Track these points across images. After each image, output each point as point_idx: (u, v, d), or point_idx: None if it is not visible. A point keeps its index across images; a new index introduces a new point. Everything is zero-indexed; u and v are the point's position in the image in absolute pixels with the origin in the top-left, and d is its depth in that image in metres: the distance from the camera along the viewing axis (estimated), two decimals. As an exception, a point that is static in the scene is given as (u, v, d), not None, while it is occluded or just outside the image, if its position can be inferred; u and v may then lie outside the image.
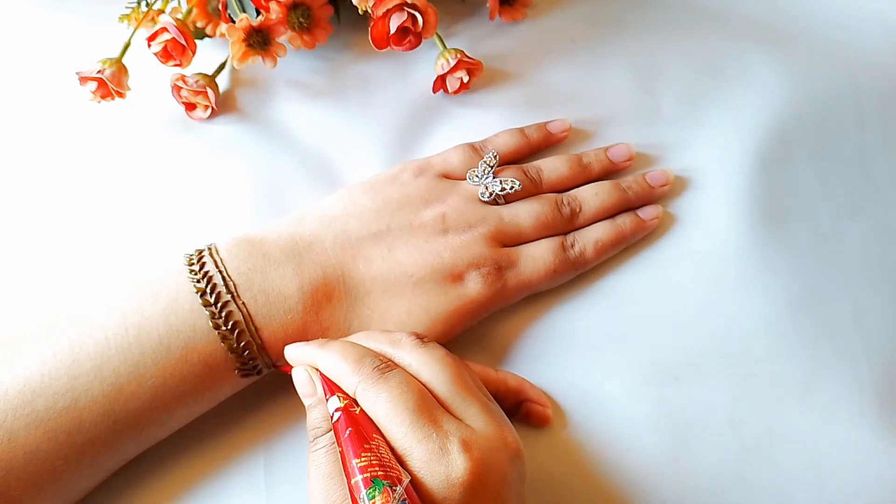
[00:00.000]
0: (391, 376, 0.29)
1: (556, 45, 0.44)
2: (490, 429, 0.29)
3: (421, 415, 0.28)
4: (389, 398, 0.29)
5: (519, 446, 0.30)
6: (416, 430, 0.28)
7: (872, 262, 0.39)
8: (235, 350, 0.32)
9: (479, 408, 0.30)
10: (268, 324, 0.33)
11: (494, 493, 0.28)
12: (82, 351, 0.31)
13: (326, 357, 0.31)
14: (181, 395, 0.32)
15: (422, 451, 0.27)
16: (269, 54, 0.41)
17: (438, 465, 0.27)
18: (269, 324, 0.33)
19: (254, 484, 0.34)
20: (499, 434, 0.29)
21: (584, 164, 0.40)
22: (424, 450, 0.27)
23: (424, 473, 0.27)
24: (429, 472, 0.27)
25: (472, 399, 0.30)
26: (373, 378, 0.29)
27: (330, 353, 0.31)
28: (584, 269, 0.38)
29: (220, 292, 0.32)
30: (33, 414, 0.30)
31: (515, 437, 0.30)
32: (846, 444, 0.35)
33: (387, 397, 0.29)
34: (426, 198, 0.37)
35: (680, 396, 0.36)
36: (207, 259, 0.34)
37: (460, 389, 0.30)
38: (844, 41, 0.44)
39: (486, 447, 0.28)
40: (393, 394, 0.29)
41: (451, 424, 0.28)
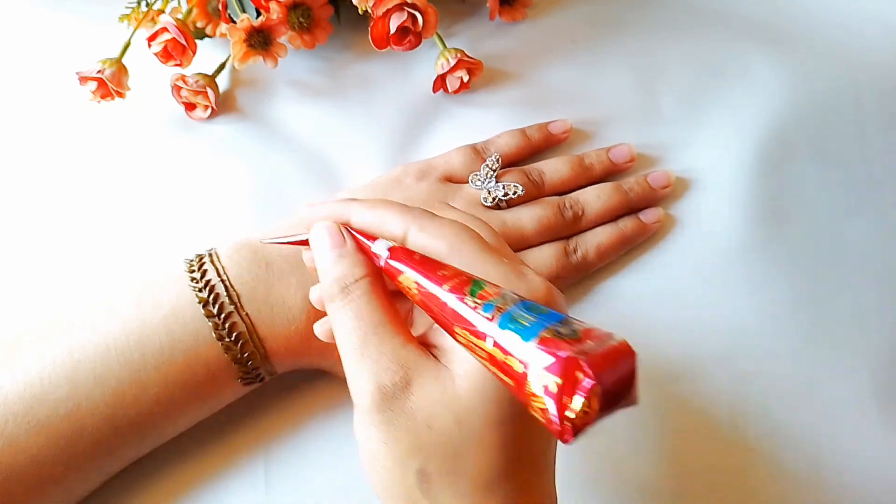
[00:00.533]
0: (448, 215, 0.27)
1: (557, 45, 0.45)
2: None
3: (486, 245, 0.26)
4: (451, 232, 0.26)
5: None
6: (487, 255, 0.25)
7: (872, 261, 0.39)
8: (239, 360, 0.32)
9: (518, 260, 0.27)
10: (271, 334, 0.33)
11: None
12: (83, 357, 0.31)
13: (366, 207, 0.28)
14: (183, 403, 0.32)
15: (498, 272, 0.25)
16: (270, 54, 0.41)
17: (519, 282, 0.25)
18: (272, 334, 0.33)
19: (254, 486, 0.34)
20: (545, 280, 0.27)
21: (586, 166, 0.40)
22: (500, 272, 0.25)
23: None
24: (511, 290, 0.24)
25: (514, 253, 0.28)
26: (428, 217, 0.27)
27: (369, 204, 0.28)
28: (586, 273, 0.38)
29: (223, 303, 0.32)
30: (34, 420, 0.30)
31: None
32: (846, 443, 0.35)
33: (449, 231, 0.26)
34: (428, 203, 0.37)
35: (681, 396, 0.36)
36: (209, 266, 0.33)
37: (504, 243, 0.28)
38: (844, 41, 0.44)
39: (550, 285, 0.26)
40: (454, 230, 0.26)
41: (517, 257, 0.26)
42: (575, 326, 0.21)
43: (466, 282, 0.23)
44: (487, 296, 0.22)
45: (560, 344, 0.19)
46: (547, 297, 0.25)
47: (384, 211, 0.27)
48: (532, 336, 0.20)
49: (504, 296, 0.22)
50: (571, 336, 0.20)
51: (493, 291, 0.22)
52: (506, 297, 0.22)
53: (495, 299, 0.22)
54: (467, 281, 0.23)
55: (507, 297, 0.22)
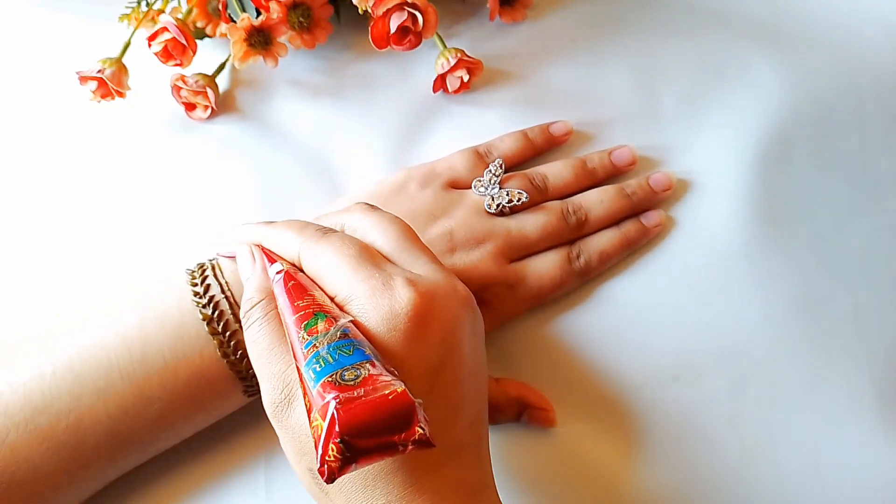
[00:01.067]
0: (333, 234, 0.29)
1: (557, 45, 0.44)
2: (439, 275, 0.28)
3: (362, 260, 0.27)
4: (331, 250, 0.28)
5: (470, 297, 0.28)
6: (358, 272, 0.27)
7: (873, 262, 0.39)
8: (243, 375, 0.32)
9: (428, 259, 0.29)
10: None
11: (445, 329, 0.26)
12: (84, 371, 0.31)
13: (270, 230, 0.30)
14: (186, 414, 0.32)
15: (364, 289, 0.26)
16: (271, 54, 0.41)
17: (382, 298, 0.26)
18: None
19: (254, 490, 0.34)
20: (448, 281, 0.28)
21: (589, 170, 0.40)
22: (367, 287, 0.26)
23: (368, 310, 0.26)
24: (372, 307, 0.26)
25: (421, 252, 0.29)
26: (315, 237, 0.28)
27: (274, 227, 0.30)
28: (589, 278, 0.38)
29: (227, 320, 0.32)
30: (36, 431, 0.30)
31: (466, 289, 0.28)
32: (846, 444, 0.35)
33: (328, 250, 0.28)
34: (433, 212, 0.37)
35: (680, 397, 0.36)
36: (211, 281, 0.33)
37: (409, 244, 0.29)
38: (844, 41, 0.44)
39: (434, 286, 0.27)
40: (334, 246, 0.28)
41: (395, 268, 0.27)
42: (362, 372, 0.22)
43: (311, 314, 0.24)
44: (315, 332, 0.24)
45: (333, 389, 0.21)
46: (415, 310, 0.26)
47: (285, 232, 0.29)
48: (320, 378, 0.22)
49: (328, 332, 0.24)
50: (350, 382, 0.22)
51: (323, 327, 0.24)
52: (328, 335, 0.23)
53: (318, 336, 0.23)
54: (311, 314, 0.25)
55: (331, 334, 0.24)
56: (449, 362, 0.26)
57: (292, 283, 0.27)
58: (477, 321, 0.29)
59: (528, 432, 0.35)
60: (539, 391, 0.36)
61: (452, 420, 0.26)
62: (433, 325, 0.26)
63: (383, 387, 0.22)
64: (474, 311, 0.29)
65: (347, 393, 0.21)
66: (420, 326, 0.25)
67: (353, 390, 0.21)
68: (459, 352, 0.27)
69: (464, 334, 0.27)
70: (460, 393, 0.27)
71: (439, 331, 0.26)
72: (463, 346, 0.27)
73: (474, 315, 0.28)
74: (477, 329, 0.29)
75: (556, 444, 0.35)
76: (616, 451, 0.35)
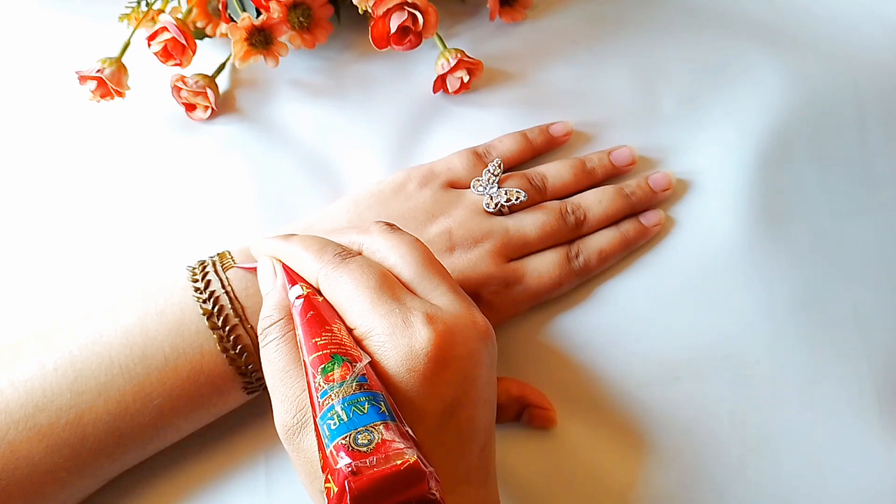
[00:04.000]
0: (353, 261, 0.28)
1: (557, 45, 0.44)
2: (458, 307, 0.28)
3: (383, 292, 0.27)
4: (350, 279, 0.27)
5: (489, 328, 0.28)
6: (378, 306, 0.26)
7: (873, 261, 0.39)
8: (243, 371, 0.32)
9: (448, 288, 0.28)
10: None
11: (462, 368, 0.26)
12: (85, 367, 0.31)
13: (289, 247, 0.30)
14: (186, 411, 0.32)
15: (384, 325, 0.26)
16: (272, 53, 0.41)
17: (402, 336, 0.26)
18: None
19: (254, 488, 0.34)
20: (467, 313, 0.28)
21: (588, 170, 0.40)
22: (386, 324, 0.26)
23: (387, 348, 0.26)
24: (391, 346, 0.26)
25: (441, 279, 0.29)
26: (334, 263, 0.28)
27: (293, 245, 0.30)
28: (588, 277, 0.38)
29: (227, 315, 0.32)
30: (36, 428, 0.30)
31: (485, 320, 0.28)
32: (847, 444, 0.35)
33: (348, 279, 0.27)
34: (432, 211, 0.37)
35: (681, 397, 0.36)
36: (212, 276, 0.33)
37: (429, 270, 0.29)
38: (845, 40, 0.44)
39: (453, 322, 0.27)
40: (354, 275, 0.28)
41: (415, 301, 0.27)
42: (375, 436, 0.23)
43: (328, 357, 0.25)
44: (331, 379, 0.24)
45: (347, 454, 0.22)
46: (434, 351, 0.25)
47: (304, 253, 0.29)
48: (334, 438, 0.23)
49: (345, 382, 0.24)
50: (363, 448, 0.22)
51: (340, 375, 0.24)
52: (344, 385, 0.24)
53: (334, 385, 0.24)
54: (328, 356, 0.25)
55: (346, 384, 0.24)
56: (464, 399, 0.26)
57: (311, 315, 0.27)
58: (493, 352, 0.29)
59: (528, 432, 0.35)
60: (539, 390, 0.36)
61: (465, 450, 0.26)
62: (451, 364, 0.26)
63: (395, 455, 0.22)
64: (492, 342, 0.28)
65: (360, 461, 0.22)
66: (438, 366, 0.25)
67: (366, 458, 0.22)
68: (475, 387, 0.27)
69: (481, 370, 0.27)
70: (474, 425, 0.27)
71: (457, 370, 0.26)
72: (479, 382, 0.27)
73: (492, 347, 0.28)
74: (493, 360, 0.28)
75: (556, 443, 0.35)
76: (616, 450, 0.35)
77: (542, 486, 0.34)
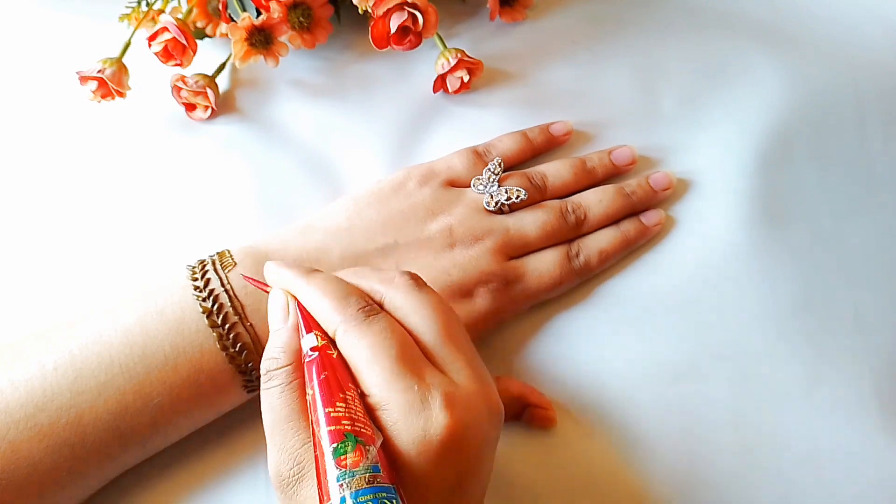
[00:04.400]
0: (375, 321, 0.27)
1: (557, 45, 0.45)
2: (474, 385, 0.27)
3: (403, 364, 0.26)
4: (371, 344, 0.27)
5: (500, 407, 0.28)
6: (397, 380, 0.26)
7: (873, 261, 0.39)
8: (243, 369, 0.32)
9: (465, 362, 0.28)
10: None
11: (471, 454, 0.26)
12: (85, 367, 0.31)
13: (309, 289, 0.29)
14: (187, 411, 0.32)
15: (401, 401, 0.25)
16: (272, 53, 0.41)
17: (418, 418, 0.25)
18: None
19: (254, 488, 0.34)
20: (482, 392, 0.27)
21: (588, 169, 0.40)
22: (404, 400, 0.25)
23: (400, 427, 0.25)
24: (405, 426, 0.25)
25: (459, 352, 0.28)
26: (356, 320, 0.27)
27: (313, 287, 0.29)
28: (588, 276, 0.38)
29: (227, 313, 0.32)
30: (36, 428, 0.30)
31: (497, 397, 0.28)
32: (847, 444, 0.35)
33: (368, 343, 0.27)
34: (432, 209, 0.37)
35: (681, 397, 0.36)
36: (212, 275, 0.33)
37: (448, 340, 0.28)
38: (845, 41, 0.44)
39: (469, 405, 0.26)
40: (376, 339, 0.27)
41: (435, 378, 0.26)
42: None
43: (341, 435, 0.24)
44: (344, 464, 0.24)
45: None
46: (448, 438, 0.25)
47: (325, 300, 0.28)
48: None
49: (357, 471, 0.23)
50: None
51: (353, 461, 0.24)
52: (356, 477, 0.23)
53: (346, 473, 0.23)
54: (342, 434, 0.24)
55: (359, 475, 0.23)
56: (470, 478, 0.26)
57: (325, 376, 0.26)
58: (500, 430, 0.28)
59: (528, 432, 0.35)
60: (539, 390, 0.36)
61: None
62: (463, 449, 0.26)
63: None
64: (501, 421, 0.28)
65: None
66: (450, 451, 0.25)
67: None
68: (480, 467, 0.27)
69: (488, 451, 0.27)
70: (472, 497, 0.27)
71: (468, 454, 0.26)
72: (484, 462, 0.27)
73: (500, 425, 0.28)
74: (499, 437, 0.28)
75: (555, 443, 0.35)
76: (616, 450, 0.35)
77: (542, 486, 0.34)
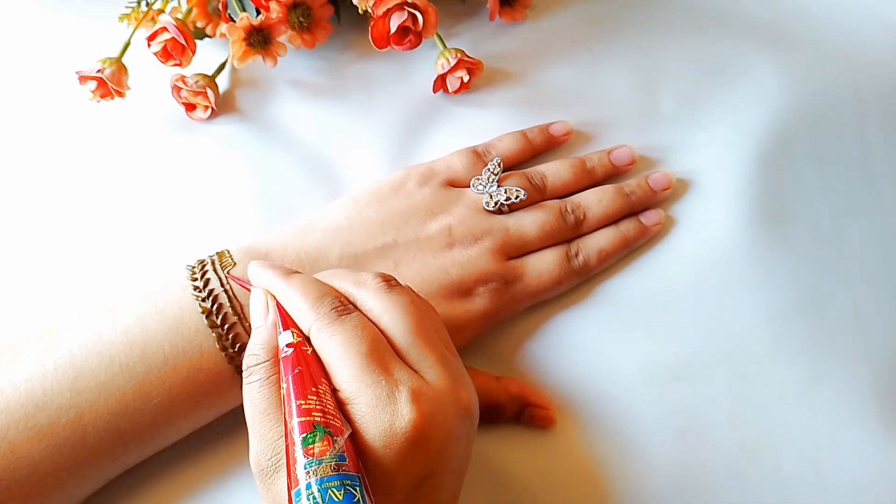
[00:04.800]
0: (347, 319, 0.28)
1: (557, 45, 0.45)
2: (444, 383, 0.28)
3: (372, 360, 0.27)
4: (342, 341, 0.27)
5: (471, 404, 0.28)
6: (365, 375, 0.27)
7: (873, 262, 0.39)
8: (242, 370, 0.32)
9: (436, 360, 0.28)
10: None
11: (437, 449, 0.26)
12: (85, 366, 0.31)
13: (287, 289, 0.30)
14: (187, 411, 0.32)
15: (369, 396, 0.26)
16: (270, 53, 0.41)
17: (384, 412, 0.26)
18: None
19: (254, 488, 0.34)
20: (452, 389, 0.28)
21: (588, 169, 0.40)
22: (371, 395, 0.26)
23: (367, 420, 0.26)
24: (372, 420, 0.26)
25: (430, 350, 0.28)
26: (329, 318, 0.28)
27: (291, 286, 0.30)
28: (587, 276, 0.38)
29: (226, 313, 0.32)
30: (36, 428, 0.30)
31: (469, 394, 0.28)
32: (846, 443, 0.35)
33: (340, 340, 0.27)
34: (431, 209, 0.37)
35: (681, 396, 0.36)
36: (211, 275, 0.33)
37: (419, 339, 0.29)
38: (844, 41, 0.44)
39: (436, 400, 0.27)
40: (347, 336, 0.28)
41: (403, 373, 0.27)
42: None
43: (310, 425, 0.25)
44: (311, 453, 0.25)
45: None
46: (413, 432, 0.26)
47: (301, 300, 0.29)
48: None
49: (323, 460, 0.24)
50: None
51: (320, 450, 0.25)
52: (323, 465, 0.24)
53: (314, 461, 0.24)
54: (311, 425, 0.25)
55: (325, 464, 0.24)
56: (436, 474, 0.27)
57: (298, 371, 0.27)
58: (472, 428, 0.29)
59: (528, 432, 0.35)
60: (538, 390, 0.36)
61: None
62: (429, 444, 0.26)
63: None
64: (472, 419, 0.29)
65: None
66: (415, 445, 0.26)
67: None
68: (448, 463, 0.27)
69: (456, 448, 0.27)
70: (441, 496, 0.27)
71: (432, 449, 0.26)
72: (452, 458, 0.27)
73: (471, 424, 0.28)
74: (471, 435, 0.29)
75: (555, 443, 0.35)
76: (615, 450, 0.35)
77: (542, 486, 0.34)
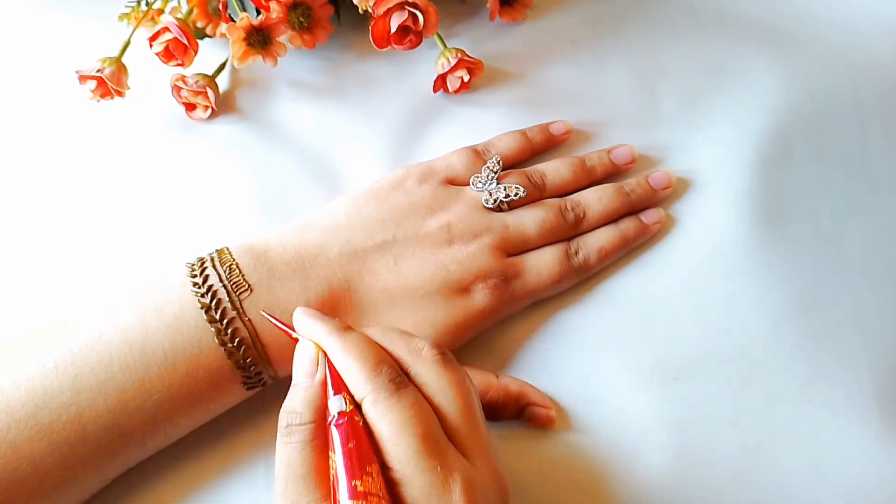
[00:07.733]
0: (405, 395, 0.27)
1: (557, 45, 0.45)
2: (490, 472, 0.28)
3: (428, 444, 0.26)
4: (399, 419, 0.27)
5: (508, 489, 0.29)
6: (421, 459, 0.26)
7: (873, 262, 0.39)
8: (241, 365, 0.32)
9: (484, 446, 0.28)
10: (274, 340, 0.33)
11: None
12: (85, 364, 0.31)
13: (342, 350, 0.29)
14: (187, 409, 0.32)
15: (423, 481, 0.26)
16: (270, 53, 0.41)
17: (438, 501, 0.26)
18: (275, 339, 0.33)
19: (254, 489, 0.34)
20: (497, 478, 0.28)
21: (588, 168, 0.40)
22: (426, 481, 0.26)
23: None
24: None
25: (478, 436, 0.28)
26: (387, 392, 0.27)
27: (347, 348, 0.28)
28: (587, 274, 0.38)
29: (225, 308, 0.32)
30: (37, 427, 0.30)
31: (507, 484, 0.29)
32: (846, 444, 0.35)
33: (396, 417, 0.27)
34: (431, 206, 0.37)
35: (681, 397, 0.36)
36: (210, 271, 0.33)
37: (470, 424, 0.28)
38: (844, 41, 0.44)
39: (486, 493, 0.27)
40: (404, 415, 0.27)
41: (457, 461, 0.27)
42: None
43: None
44: None
45: None
46: None
47: (357, 365, 0.28)
48: None
49: None
50: None
51: None
52: None
53: None
54: None
55: None
56: None
57: (353, 446, 0.26)
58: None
59: (528, 432, 0.35)
60: (538, 389, 0.36)
61: None
62: None
63: None
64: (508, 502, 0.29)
65: None
66: None
67: None
68: None
69: None
70: None
71: None
72: None
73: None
74: None
75: (555, 442, 0.35)
76: (615, 449, 0.35)
77: (542, 486, 0.34)
